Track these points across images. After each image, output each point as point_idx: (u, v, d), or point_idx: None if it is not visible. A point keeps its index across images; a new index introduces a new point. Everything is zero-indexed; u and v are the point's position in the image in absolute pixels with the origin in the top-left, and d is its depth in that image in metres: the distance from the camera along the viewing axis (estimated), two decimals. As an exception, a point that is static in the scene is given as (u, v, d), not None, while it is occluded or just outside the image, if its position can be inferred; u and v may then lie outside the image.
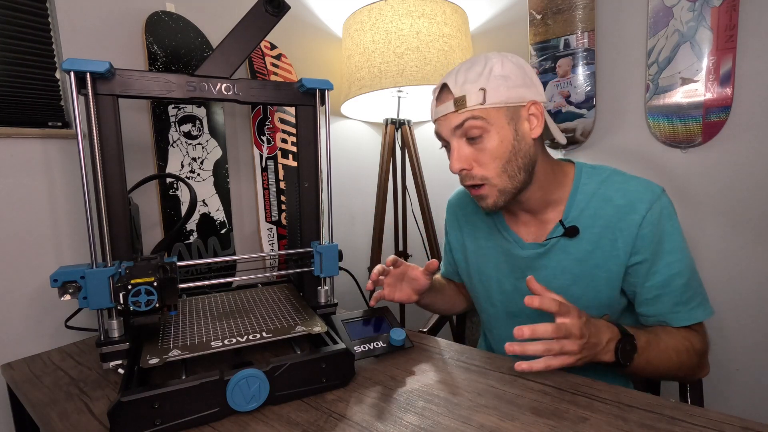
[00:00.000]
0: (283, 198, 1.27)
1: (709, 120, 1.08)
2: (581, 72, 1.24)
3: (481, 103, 0.64)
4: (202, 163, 1.11)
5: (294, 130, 1.30)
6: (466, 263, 0.86)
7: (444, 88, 0.68)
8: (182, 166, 1.07)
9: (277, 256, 1.24)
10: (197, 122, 1.09)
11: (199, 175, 1.10)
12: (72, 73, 0.58)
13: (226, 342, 0.62)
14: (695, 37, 1.08)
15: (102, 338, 0.63)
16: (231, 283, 0.98)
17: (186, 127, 1.07)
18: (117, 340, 0.63)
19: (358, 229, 1.70)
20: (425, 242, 1.50)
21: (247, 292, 0.88)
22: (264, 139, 1.23)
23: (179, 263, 0.65)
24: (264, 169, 1.24)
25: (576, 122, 1.27)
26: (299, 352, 0.67)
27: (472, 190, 0.70)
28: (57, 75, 0.89)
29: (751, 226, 1.08)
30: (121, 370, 0.63)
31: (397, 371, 0.66)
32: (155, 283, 0.58)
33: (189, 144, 1.08)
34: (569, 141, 1.30)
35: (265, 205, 1.24)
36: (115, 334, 0.63)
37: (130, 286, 0.57)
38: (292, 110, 1.29)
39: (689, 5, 1.07)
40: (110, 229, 0.64)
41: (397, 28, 1.23)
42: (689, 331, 0.67)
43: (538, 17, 1.29)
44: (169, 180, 1.04)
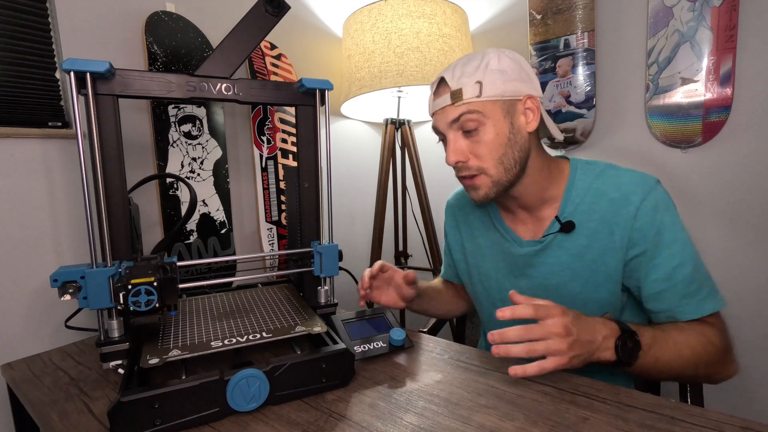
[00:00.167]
0: (283, 198, 1.27)
1: (709, 120, 1.08)
2: (581, 72, 1.24)
3: (477, 96, 0.64)
4: (202, 163, 1.11)
5: (294, 130, 1.30)
6: (465, 264, 0.86)
7: (441, 82, 0.69)
8: (182, 166, 1.07)
9: (277, 256, 1.24)
10: (197, 122, 1.09)
11: (199, 175, 1.10)
12: (72, 73, 0.58)
13: (226, 342, 0.62)
14: (695, 37, 1.08)
15: (102, 338, 0.63)
16: (231, 283, 0.98)
17: (186, 127, 1.07)
18: (117, 340, 0.63)
19: (358, 229, 1.70)
20: (425, 242, 1.50)
21: (247, 292, 0.88)
22: (264, 139, 1.23)
23: (179, 263, 0.65)
24: (264, 169, 1.24)
25: (576, 122, 1.27)
26: (299, 352, 0.67)
27: (465, 181, 0.70)
28: (57, 75, 0.89)
29: (751, 226, 1.08)
30: (121, 370, 0.63)
31: (397, 371, 0.66)
32: (155, 283, 0.58)
33: (189, 144, 1.08)
34: (569, 141, 1.30)
35: (265, 205, 1.24)
36: (115, 334, 0.63)
37: (130, 286, 0.57)
38: (292, 110, 1.29)
39: (689, 5, 1.07)
40: (110, 229, 0.64)
41: (397, 28, 1.23)
42: (703, 324, 0.63)
43: (538, 17, 1.29)
44: (169, 180, 1.04)
